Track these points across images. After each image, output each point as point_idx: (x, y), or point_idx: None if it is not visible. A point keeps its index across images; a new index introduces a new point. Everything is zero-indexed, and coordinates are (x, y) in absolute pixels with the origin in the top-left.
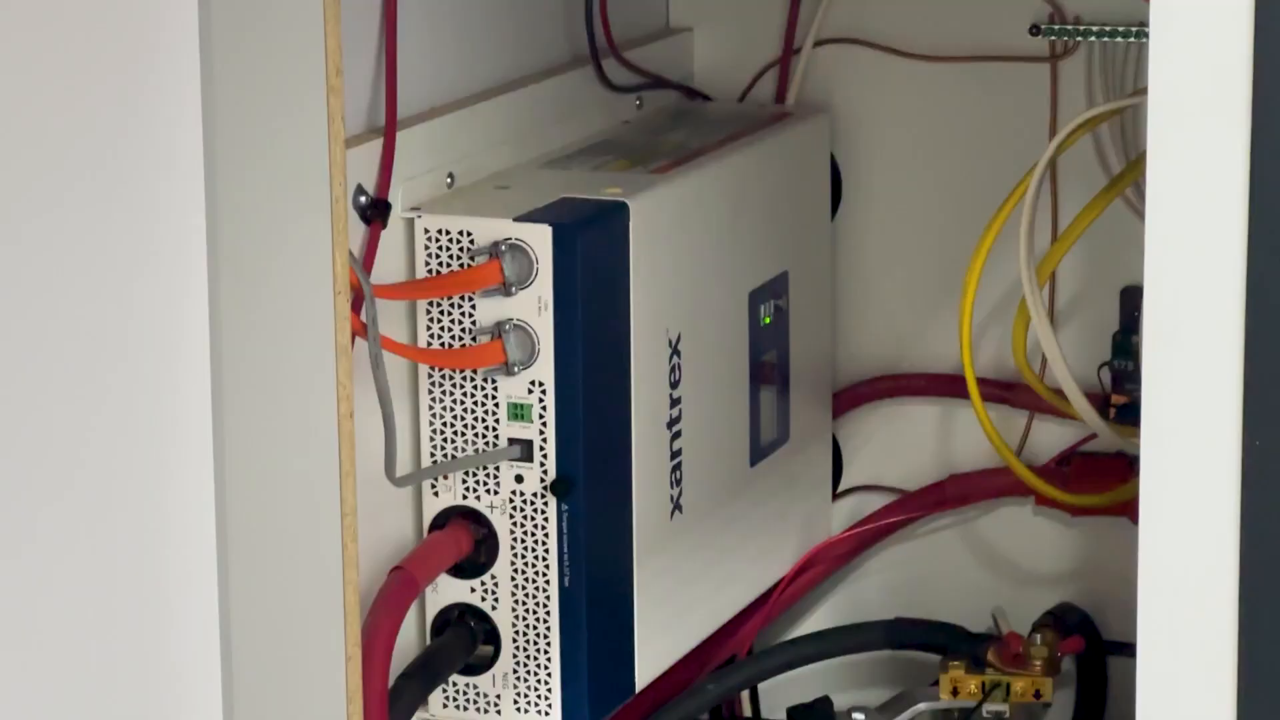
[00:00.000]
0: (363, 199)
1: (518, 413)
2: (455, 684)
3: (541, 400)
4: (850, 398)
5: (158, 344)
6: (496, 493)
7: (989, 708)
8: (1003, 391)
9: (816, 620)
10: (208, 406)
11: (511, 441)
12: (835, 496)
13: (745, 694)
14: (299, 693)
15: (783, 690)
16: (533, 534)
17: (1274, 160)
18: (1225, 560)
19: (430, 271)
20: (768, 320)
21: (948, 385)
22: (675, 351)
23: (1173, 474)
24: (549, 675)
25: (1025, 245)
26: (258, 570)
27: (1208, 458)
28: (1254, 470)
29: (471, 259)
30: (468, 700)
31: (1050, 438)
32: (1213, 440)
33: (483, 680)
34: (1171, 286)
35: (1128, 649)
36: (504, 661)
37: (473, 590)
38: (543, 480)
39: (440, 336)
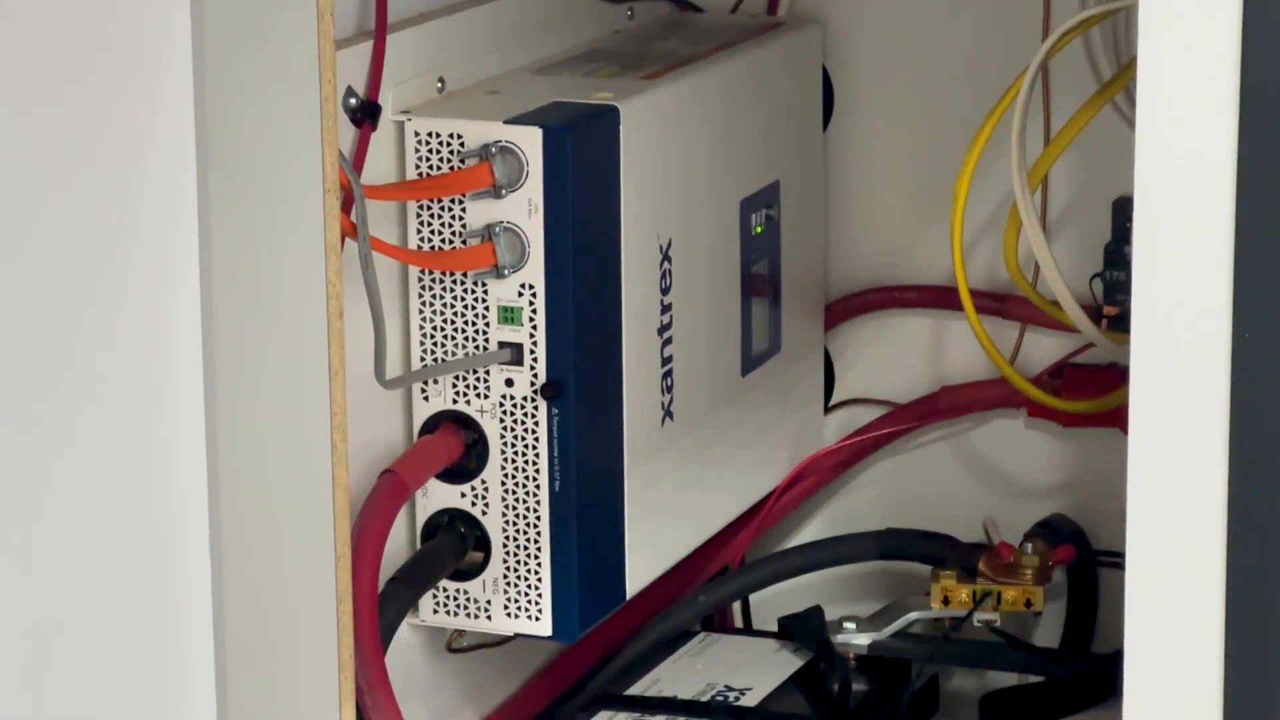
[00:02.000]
0: (353, 101)
1: (508, 316)
2: (445, 589)
3: (531, 303)
4: (842, 310)
5: (148, 243)
6: (486, 397)
7: (980, 616)
8: (995, 303)
9: (809, 532)
10: (197, 306)
11: (502, 345)
12: (827, 409)
13: (737, 605)
14: (289, 593)
15: (775, 602)
16: (523, 438)
17: (1265, 63)
18: (1214, 468)
19: (420, 175)
20: (759, 229)
21: (940, 297)
22: (666, 257)
23: (1162, 380)
24: (539, 581)
25: (1017, 149)
26: (248, 470)
27: (1197, 366)
28: (1243, 372)
29: (462, 161)
30: (458, 606)
31: (1042, 350)
32: (1202, 347)
33: (473, 586)
34: (1161, 193)
35: (1118, 558)
36: (494, 567)
37: (463, 495)
38: (533, 384)
39: (430, 240)
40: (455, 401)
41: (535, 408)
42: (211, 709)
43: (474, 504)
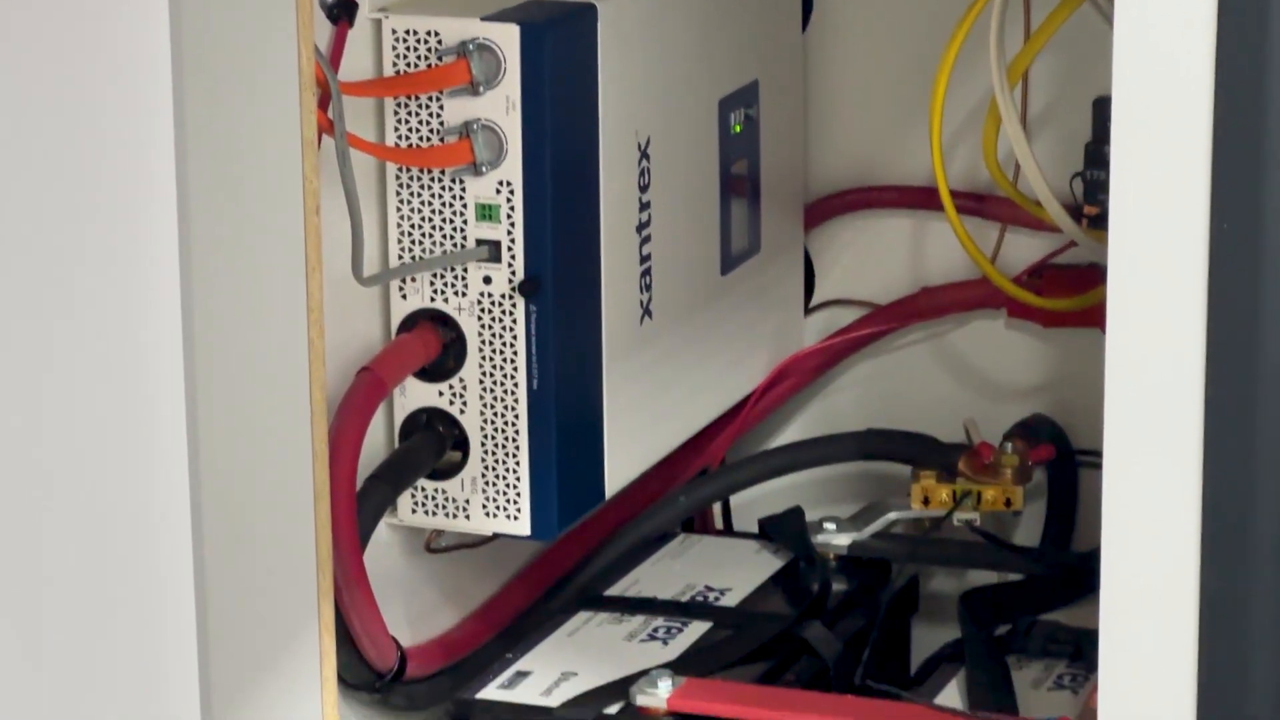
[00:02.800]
0: None
1: (486, 213)
2: (424, 489)
3: (509, 200)
4: (822, 210)
5: (124, 142)
6: (464, 294)
7: (959, 516)
8: (975, 203)
9: (789, 434)
10: (173, 200)
11: (479, 242)
12: (807, 311)
13: (717, 506)
14: (267, 491)
15: (755, 505)
16: (501, 336)
17: None
18: (1191, 366)
19: (398, 73)
20: (738, 129)
21: (920, 198)
22: (644, 155)
23: (1140, 277)
24: (518, 480)
25: (995, 45)
26: (225, 368)
27: (1175, 263)
28: (1221, 268)
29: (439, 59)
30: (436, 505)
31: (1021, 251)
32: (1180, 244)
33: (451, 485)
34: (1140, 91)
35: (1097, 457)
36: (472, 466)
37: (441, 394)
38: (511, 281)
39: (408, 137)
40: (433, 300)
41: (513, 305)
42: (190, 606)
43: (452, 403)
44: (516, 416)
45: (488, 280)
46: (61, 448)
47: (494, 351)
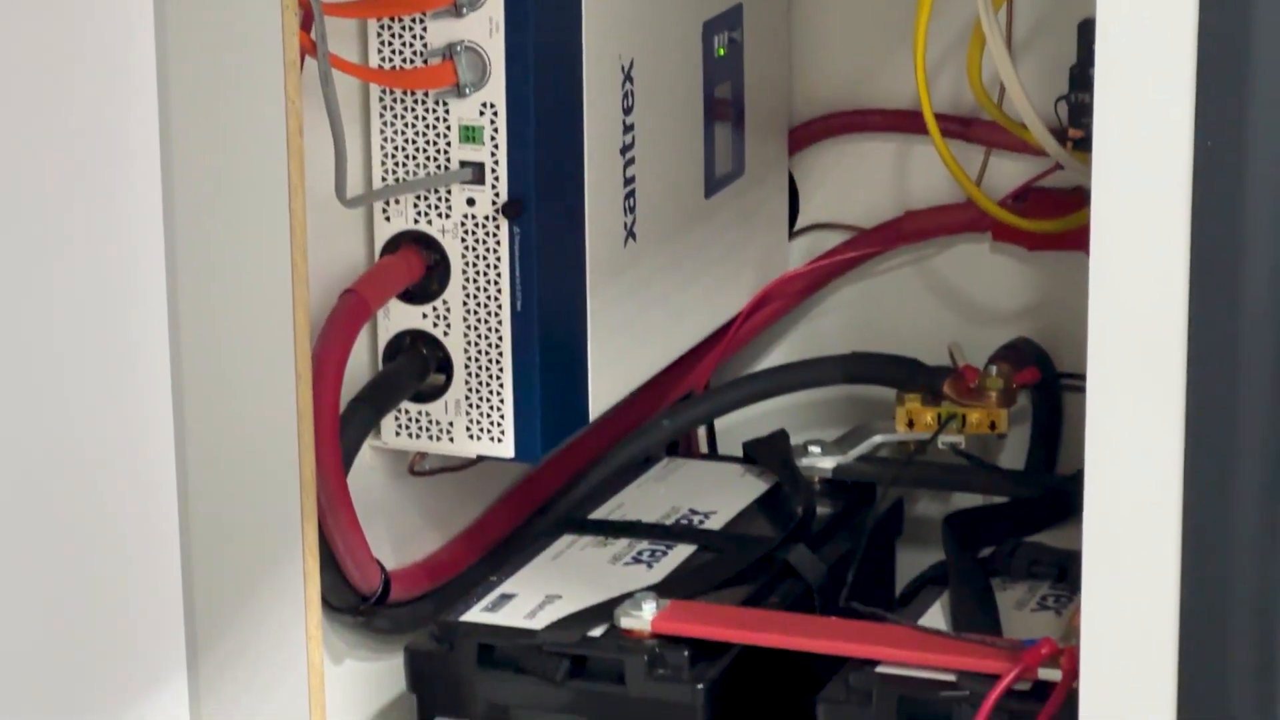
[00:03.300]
0: None
1: (469, 135)
2: (407, 412)
3: (493, 122)
4: (806, 134)
5: (106, 61)
6: (448, 216)
7: (944, 439)
8: (960, 126)
9: (773, 358)
10: (155, 119)
11: (463, 164)
12: (792, 235)
13: (702, 430)
14: (251, 412)
15: (739, 429)
16: (484, 258)
17: None
18: (1175, 287)
19: None
20: (722, 52)
21: (904, 121)
22: (628, 78)
23: (1123, 197)
24: (501, 402)
25: None
26: (208, 288)
27: (1159, 184)
28: (1205, 188)
29: None
30: (420, 428)
31: (1006, 174)
32: (1164, 164)
33: (435, 408)
34: (1123, 12)
35: (1081, 381)
36: (456, 388)
37: (424, 316)
38: (494, 203)
39: (391, 59)
40: (416, 221)
41: (497, 227)
42: (174, 529)
43: (435, 325)
44: (500, 338)
45: (471, 202)
46: (45, 370)
47: (477, 273)
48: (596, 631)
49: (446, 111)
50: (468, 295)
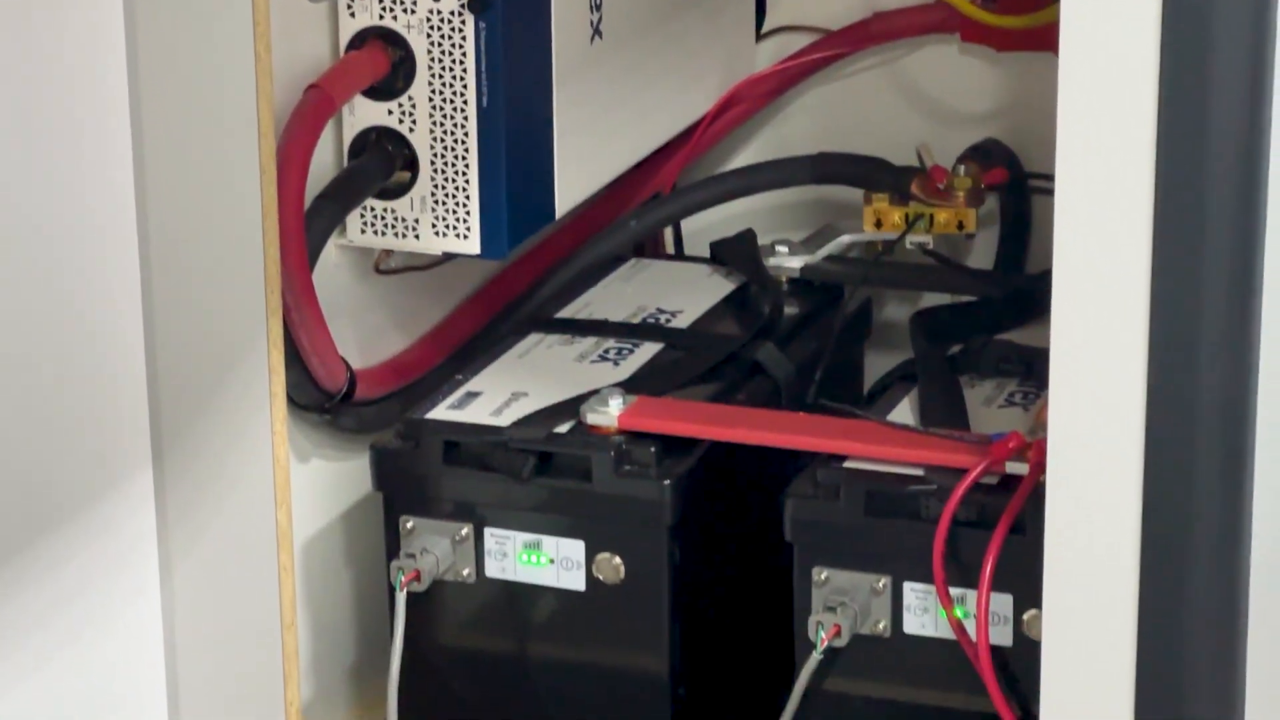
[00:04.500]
0: None
1: None
2: (373, 208)
3: None
4: None
5: None
6: (414, 12)
7: (912, 239)
8: None
9: (740, 161)
10: None
11: None
12: (759, 36)
13: (669, 232)
14: (215, 207)
15: (707, 233)
16: (450, 53)
17: None
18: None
19: None
20: None
21: None
22: None
23: None
24: (467, 198)
25: None
26: (170, 81)
27: None
28: None
29: None
30: (385, 225)
31: None
32: None
33: (400, 205)
34: None
35: (1050, 181)
36: (422, 185)
37: (390, 113)
38: None
39: None
40: (382, 17)
41: (463, 22)
42: (138, 320)
43: (401, 121)
44: (466, 135)
45: None
46: (6, 163)
47: (443, 69)
48: (563, 428)
49: None
50: (433, 91)
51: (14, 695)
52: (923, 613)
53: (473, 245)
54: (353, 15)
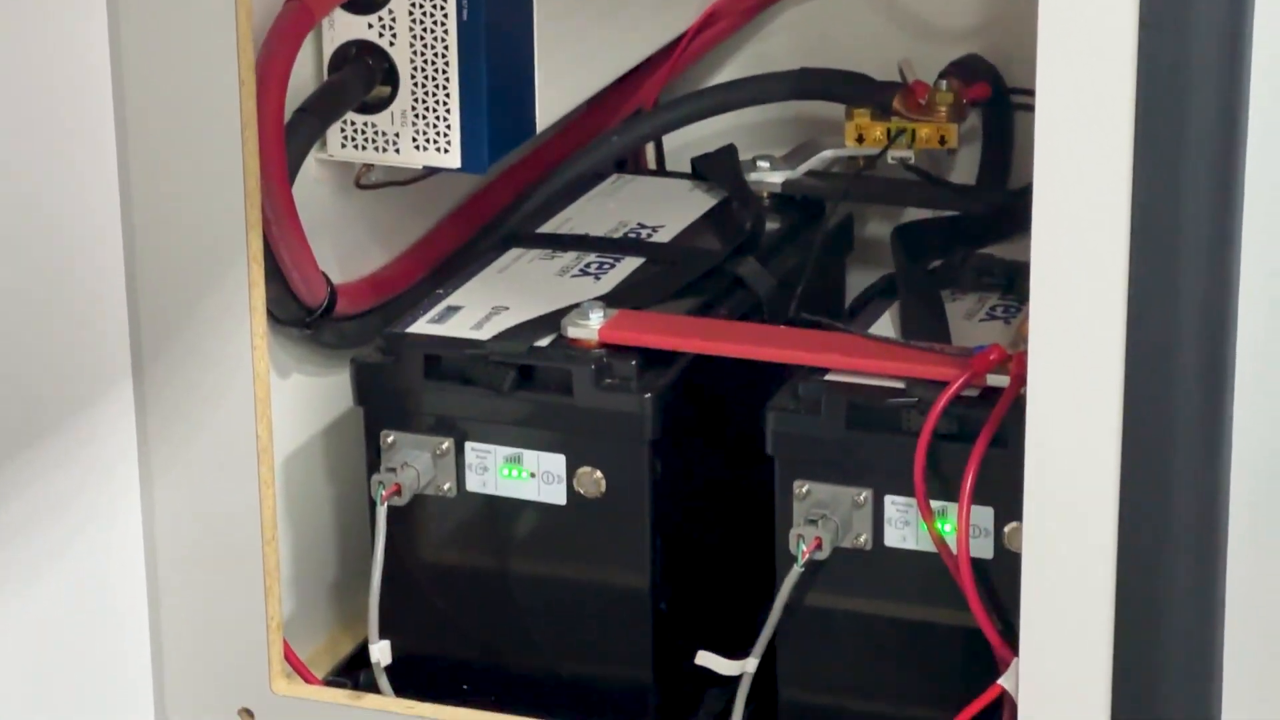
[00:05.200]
0: None
1: None
2: (353, 123)
3: None
4: None
5: None
6: None
7: (894, 154)
8: None
9: (723, 77)
10: None
11: None
12: None
13: (650, 148)
14: (194, 119)
15: (689, 150)
16: None
17: None
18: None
19: None
20: None
21: None
22: None
23: None
24: (448, 112)
25: None
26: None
27: None
28: None
29: None
30: (366, 139)
31: None
32: None
33: (381, 119)
34: None
35: (1031, 96)
36: (402, 99)
37: (370, 26)
38: None
39: None
40: None
41: None
42: (117, 233)
43: (381, 35)
44: (446, 48)
45: None
46: None
47: None
48: (544, 342)
49: None
50: (413, 4)
51: None
52: (904, 526)
53: (453, 159)
54: None
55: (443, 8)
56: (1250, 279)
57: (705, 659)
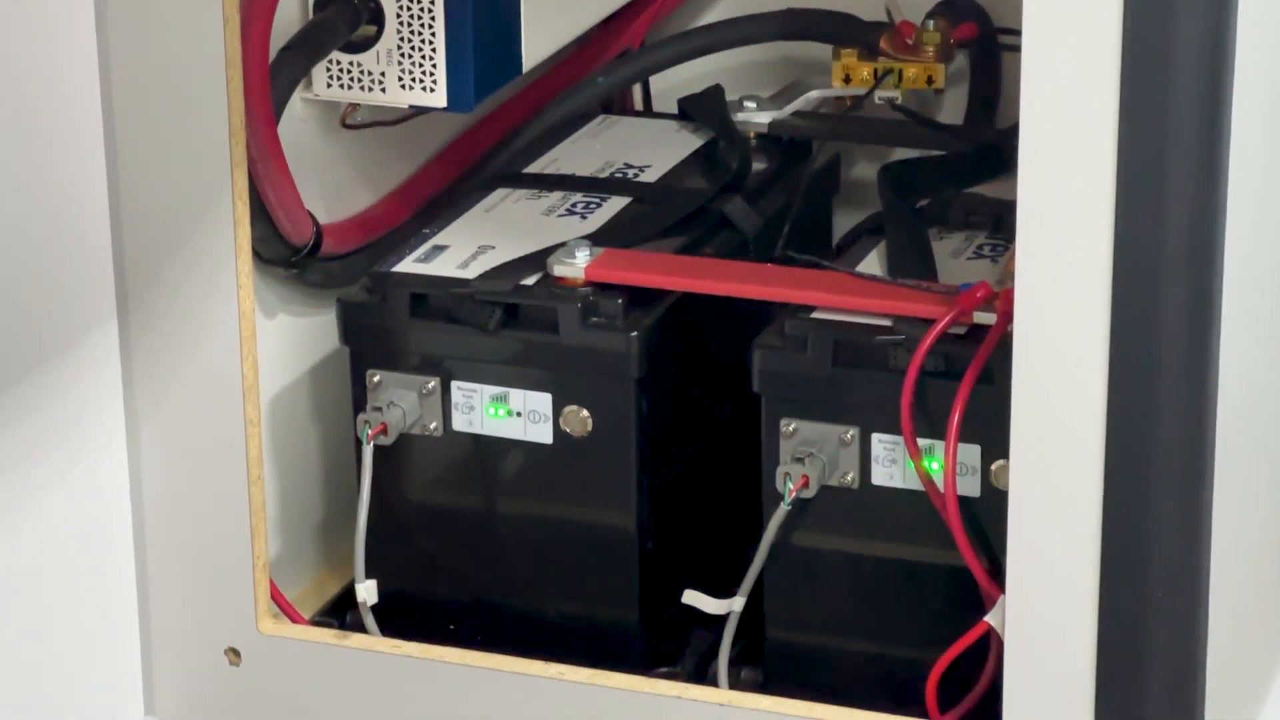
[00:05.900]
0: None
1: None
2: (339, 62)
3: None
4: None
5: None
6: None
7: (881, 94)
8: None
9: (710, 18)
10: None
11: None
12: None
13: (637, 89)
14: (177, 57)
15: (677, 91)
16: None
17: None
18: None
19: None
20: None
21: None
22: None
23: None
24: (434, 51)
25: None
26: None
27: None
28: None
29: None
30: (351, 79)
31: None
32: None
33: (366, 58)
34: None
35: (1018, 36)
36: (388, 38)
37: None
38: None
39: None
40: None
41: None
42: (101, 170)
43: None
44: None
45: None
46: None
47: None
48: (530, 280)
49: None
50: None
51: None
52: (891, 464)
53: (439, 98)
54: None
55: None
56: (1237, 213)
57: (692, 598)
